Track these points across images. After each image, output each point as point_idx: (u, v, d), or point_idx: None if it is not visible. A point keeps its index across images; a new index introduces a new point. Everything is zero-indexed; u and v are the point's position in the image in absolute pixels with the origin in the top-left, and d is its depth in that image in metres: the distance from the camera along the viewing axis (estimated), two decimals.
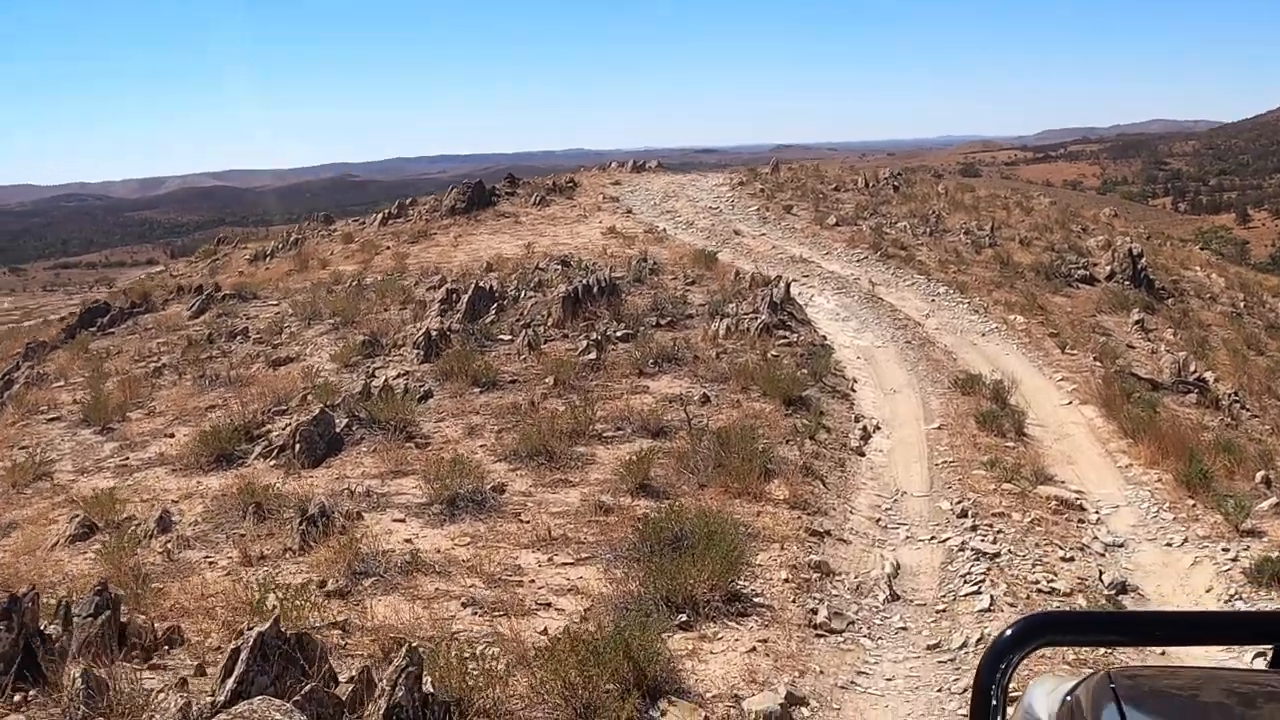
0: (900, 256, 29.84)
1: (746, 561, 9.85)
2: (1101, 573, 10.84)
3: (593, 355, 17.90)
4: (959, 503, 13.10)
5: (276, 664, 6.65)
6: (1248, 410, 19.75)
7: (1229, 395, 19.29)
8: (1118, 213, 57.54)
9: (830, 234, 32.40)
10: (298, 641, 6.95)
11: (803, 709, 7.66)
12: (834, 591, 9.80)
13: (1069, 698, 1.72)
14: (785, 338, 19.92)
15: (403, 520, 11.54)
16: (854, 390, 18.35)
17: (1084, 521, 12.73)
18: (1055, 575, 10.61)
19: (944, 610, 9.74)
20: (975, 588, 10.08)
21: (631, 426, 14.88)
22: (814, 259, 29.64)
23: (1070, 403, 18.67)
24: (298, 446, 13.73)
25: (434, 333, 18.22)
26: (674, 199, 37.16)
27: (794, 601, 9.36)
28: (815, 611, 9.22)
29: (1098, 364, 21.38)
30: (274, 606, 8.44)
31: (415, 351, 17.93)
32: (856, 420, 16.45)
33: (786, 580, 9.70)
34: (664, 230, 32.35)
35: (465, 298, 20.11)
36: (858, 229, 32.69)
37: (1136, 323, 26.22)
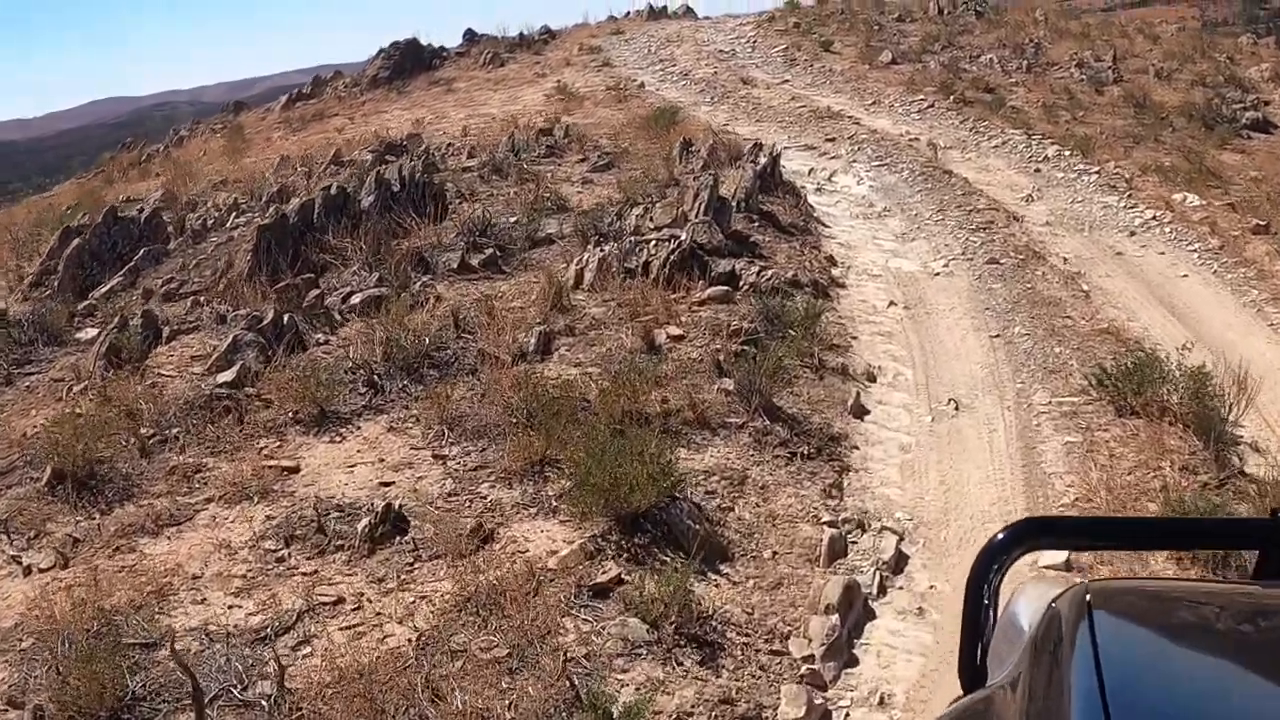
0: (984, 103, 17.97)
1: None
2: None
3: (229, 375, 7.12)
4: None
5: None
6: None
7: None
8: (1256, 41, 43.26)
9: (881, 75, 20.46)
10: None
11: None
12: None
13: (1051, 606, 1.49)
14: (728, 277, 8.85)
15: None
16: (860, 414, 7.29)
17: None
18: None
19: None
20: None
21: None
22: (851, 112, 17.95)
23: None
24: None
25: None
26: (675, 45, 25.38)
27: None
28: None
29: None
30: None
31: None
32: (831, 562, 5.47)
33: None
34: (642, 85, 20.87)
35: (71, 246, 9.29)
36: (921, 66, 20.67)
37: None
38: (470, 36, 27.67)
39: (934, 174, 13.80)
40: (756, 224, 10.45)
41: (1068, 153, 14.79)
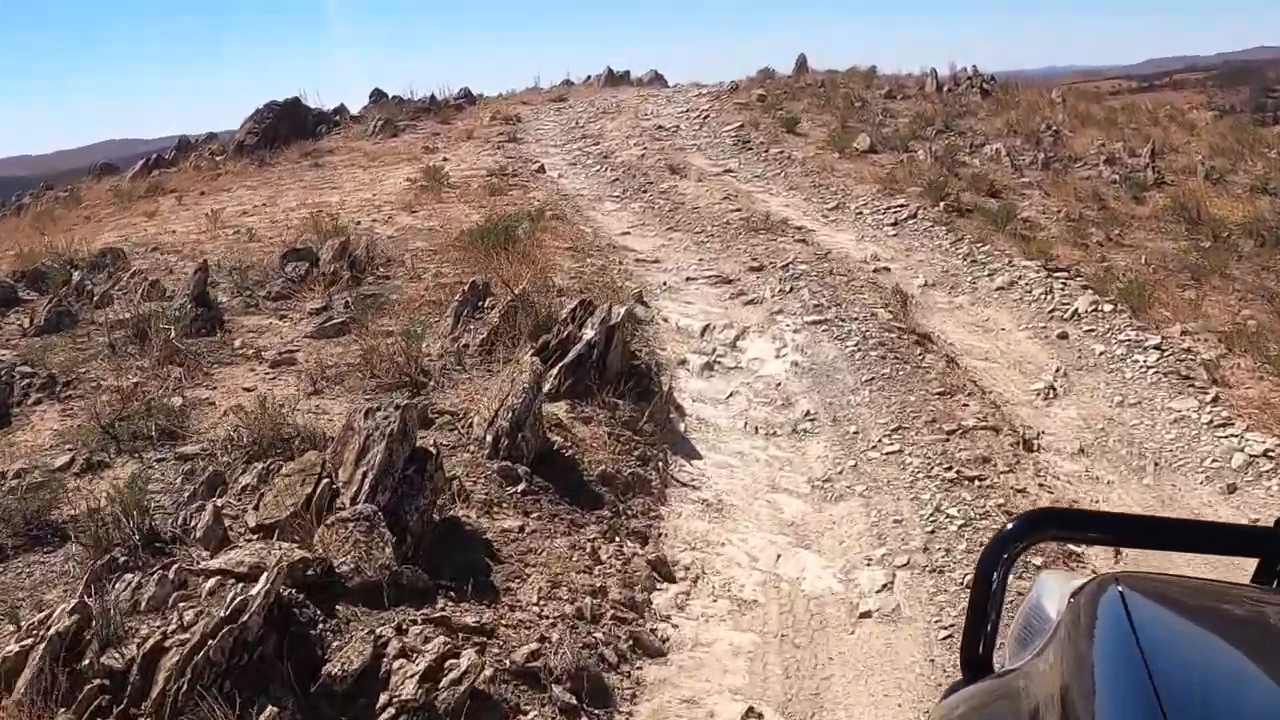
0: (986, 212, 12.74)
1: None
2: None
3: None
4: None
5: None
6: None
7: None
8: None
9: (853, 167, 15.31)
10: None
11: None
12: None
13: (1079, 594, 1.56)
14: (352, 682, 3.73)
15: None
16: None
17: None
18: None
19: None
20: None
21: None
22: (801, 219, 12.78)
23: None
24: None
25: None
26: (609, 117, 20.34)
27: None
28: None
29: None
30: None
31: None
32: None
33: None
34: (541, 169, 15.85)
35: None
36: (907, 157, 15.49)
37: None
38: (376, 97, 22.79)
39: (899, 344, 8.58)
40: (522, 486, 5.24)
41: (1108, 306, 9.58)
